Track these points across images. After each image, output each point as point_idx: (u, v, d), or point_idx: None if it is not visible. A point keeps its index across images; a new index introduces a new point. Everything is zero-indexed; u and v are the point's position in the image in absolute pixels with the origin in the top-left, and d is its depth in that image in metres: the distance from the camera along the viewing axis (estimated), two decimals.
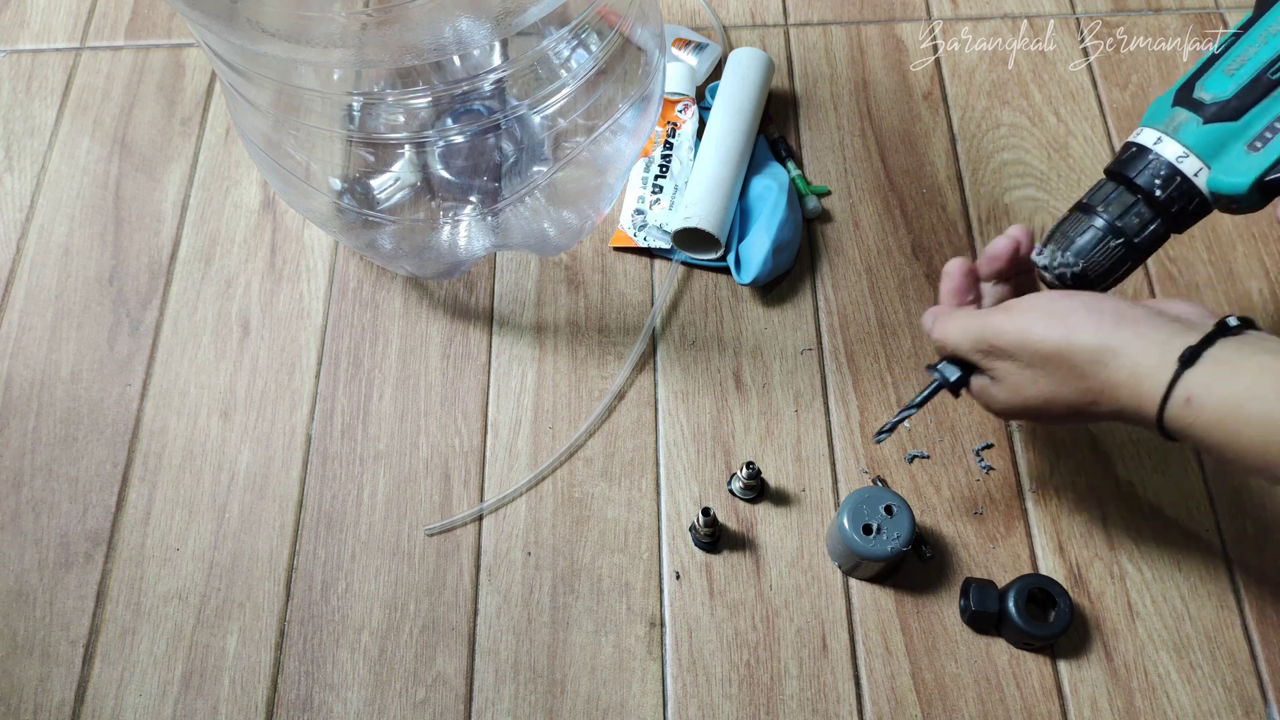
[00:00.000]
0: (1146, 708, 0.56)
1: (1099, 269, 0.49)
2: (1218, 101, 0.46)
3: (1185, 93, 0.47)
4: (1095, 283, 0.50)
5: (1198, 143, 0.46)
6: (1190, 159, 0.46)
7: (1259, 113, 0.45)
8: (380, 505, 0.63)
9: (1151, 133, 0.48)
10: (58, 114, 0.79)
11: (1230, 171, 0.45)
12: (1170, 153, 0.47)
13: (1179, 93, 0.47)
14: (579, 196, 0.64)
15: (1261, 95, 0.45)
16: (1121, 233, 0.48)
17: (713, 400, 0.65)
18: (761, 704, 0.57)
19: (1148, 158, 0.47)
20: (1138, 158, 0.48)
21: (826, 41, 0.79)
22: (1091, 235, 0.49)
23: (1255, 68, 0.45)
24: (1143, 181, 0.47)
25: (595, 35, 0.58)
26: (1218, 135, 0.46)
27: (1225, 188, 0.46)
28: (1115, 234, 0.48)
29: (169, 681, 0.58)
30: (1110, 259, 0.49)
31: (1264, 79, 0.45)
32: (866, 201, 0.72)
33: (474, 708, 0.57)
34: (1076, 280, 0.50)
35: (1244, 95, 0.45)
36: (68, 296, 0.71)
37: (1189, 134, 0.46)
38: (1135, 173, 0.48)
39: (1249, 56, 0.45)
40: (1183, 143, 0.46)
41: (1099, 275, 0.49)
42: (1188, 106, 0.47)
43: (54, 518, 0.63)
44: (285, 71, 0.53)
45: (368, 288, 0.70)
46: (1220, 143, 0.46)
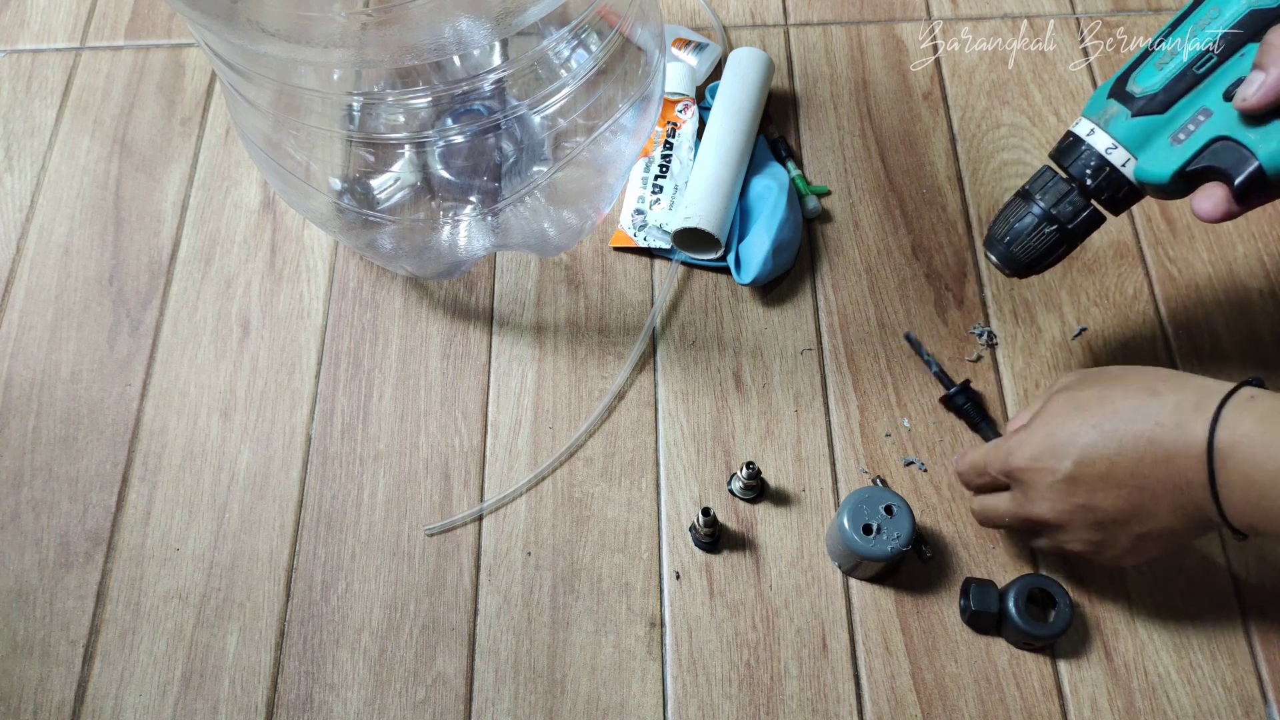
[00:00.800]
0: (1146, 708, 0.56)
1: (1034, 252, 0.52)
2: (1146, 95, 0.47)
3: (1120, 85, 0.49)
4: (1033, 265, 0.53)
5: (1126, 135, 0.48)
6: (1119, 150, 0.49)
7: (1183, 106, 0.47)
8: (380, 505, 0.63)
9: (1087, 123, 0.50)
10: (58, 114, 0.79)
11: (1154, 163, 0.47)
12: (1100, 144, 0.49)
13: (1115, 84, 0.49)
14: (579, 196, 0.64)
15: (1187, 89, 0.47)
16: (1055, 219, 0.51)
17: (713, 400, 0.65)
18: (761, 704, 0.57)
19: (1081, 148, 0.50)
20: (1073, 147, 0.50)
21: (826, 41, 0.79)
22: (1029, 221, 0.52)
23: (1182, 62, 0.47)
24: (1075, 170, 0.50)
25: (595, 35, 0.58)
26: (1144, 128, 0.48)
27: (1150, 177, 0.48)
28: (1049, 220, 0.51)
29: (169, 681, 0.58)
30: (1045, 243, 0.52)
31: (1189, 73, 0.46)
32: (866, 201, 0.72)
33: (474, 708, 0.57)
34: (1015, 262, 0.53)
35: (1170, 89, 0.47)
36: (68, 296, 0.71)
37: (1118, 126, 0.48)
38: (1069, 161, 0.50)
39: (1178, 50, 0.47)
40: (1113, 135, 0.49)
41: (1036, 258, 0.52)
42: (1120, 99, 0.48)
43: (54, 518, 0.63)
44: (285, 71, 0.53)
45: (368, 288, 0.70)
46: (1146, 135, 0.48)
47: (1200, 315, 0.67)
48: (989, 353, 0.66)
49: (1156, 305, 0.68)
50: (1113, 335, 0.67)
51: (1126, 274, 0.69)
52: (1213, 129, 0.46)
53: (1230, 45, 0.46)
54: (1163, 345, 0.66)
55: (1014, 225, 0.53)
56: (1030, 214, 0.52)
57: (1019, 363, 0.66)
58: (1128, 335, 0.67)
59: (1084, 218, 0.51)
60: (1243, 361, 0.65)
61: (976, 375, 0.66)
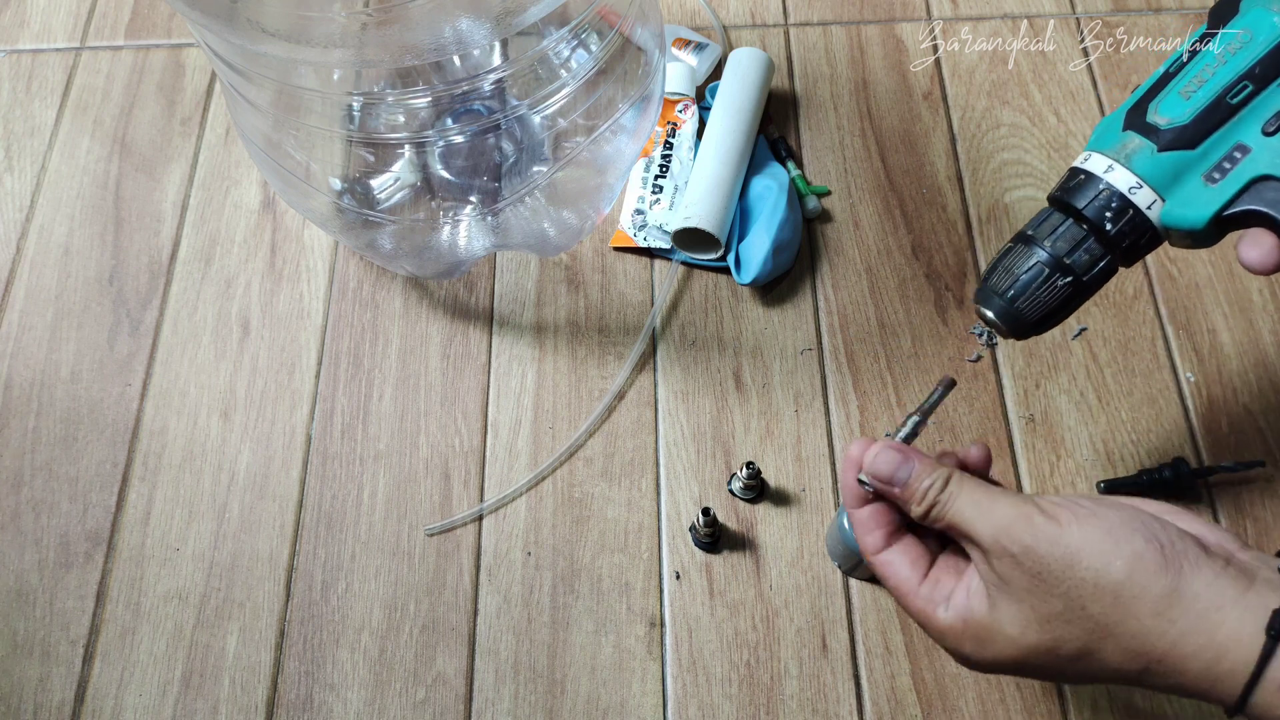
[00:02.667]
0: (1146, 708, 0.56)
1: (1044, 308, 0.44)
2: (1174, 127, 0.42)
3: (1137, 115, 0.43)
4: (1042, 323, 0.45)
5: (1152, 172, 0.42)
6: (1144, 190, 0.42)
7: (1217, 140, 0.41)
8: (380, 505, 0.63)
9: (1101, 159, 0.43)
10: (58, 114, 0.79)
11: (1187, 204, 0.42)
12: (1122, 183, 0.42)
13: (1130, 114, 0.43)
14: (579, 196, 0.64)
15: (1221, 121, 0.41)
16: (1070, 270, 0.44)
17: (713, 400, 0.65)
18: (761, 704, 0.57)
19: (1098, 187, 0.43)
20: (1086, 186, 0.43)
21: (826, 41, 0.79)
22: (1037, 270, 0.44)
23: (1214, 90, 0.41)
24: (1091, 213, 0.43)
25: (595, 35, 0.58)
26: (1174, 164, 0.42)
27: (1182, 222, 0.42)
28: (1062, 270, 0.44)
29: (169, 681, 0.58)
30: (1058, 297, 0.44)
31: (1223, 103, 0.41)
32: (866, 201, 0.72)
33: (474, 708, 0.57)
34: (1019, 320, 0.45)
35: (1202, 120, 0.41)
36: (68, 296, 0.71)
37: (1143, 163, 0.42)
38: (1084, 203, 0.43)
39: (1207, 77, 0.42)
40: (1136, 172, 0.42)
41: (1046, 315, 0.44)
42: (1141, 131, 0.42)
43: (54, 517, 0.63)
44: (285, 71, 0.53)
45: (368, 288, 0.70)
46: (1176, 173, 0.42)
47: (1200, 315, 0.67)
48: (989, 353, 0.66)
49: (1156, 305, 0.68)
50: (1113, 335, 0.67)
51: (1126, 274, 0.69)
52: (1254, 167, 0.40)
53: (1266, 73, 0.41)
54: (1163, 346, 0.66)
55: (1019, 276, 0.44)
56: (1038, 262, 0.44)
57: (1019, 363, 0.66)
58: (1128, 335, 0.67)
59: (1101, 267, 0.44)
60: (1242, 361, 0.65)
61: (977, 375, 0.66)
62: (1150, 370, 0.65)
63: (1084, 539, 0.35)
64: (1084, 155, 0.44)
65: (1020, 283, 0.44)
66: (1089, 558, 0.34)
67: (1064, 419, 0.64)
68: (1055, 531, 0.35)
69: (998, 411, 0.64)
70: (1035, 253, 0.44)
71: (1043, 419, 0.64)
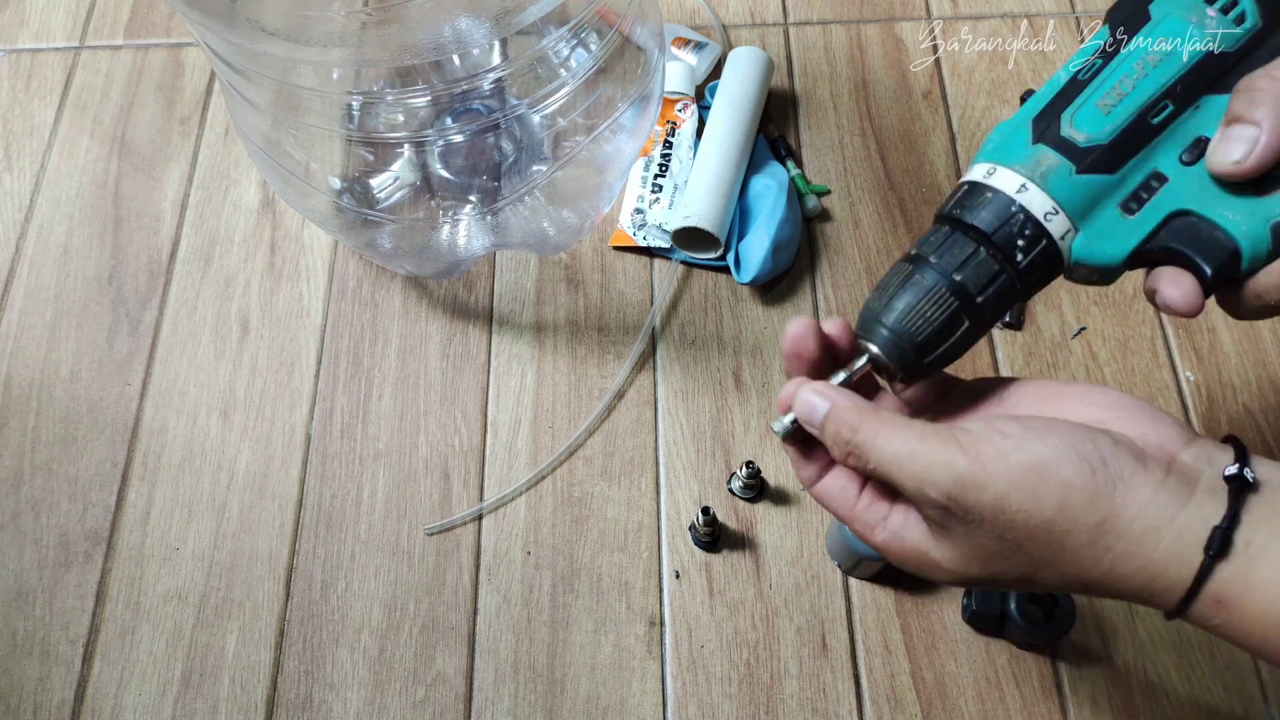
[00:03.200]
0: (1146, 708, 0.56)
1: (930, 326, 0.37)
2: (1096, 145, 0.36)
3: (1048, 126, 0.36)
4: (926, 346, 0.37)
5: (1070, 197, 0.36)
6: (1060, 217, 0.36)
7: (1136, 164, 0.36)
8: (380, 505, 0.63)
9: (1011, 175, 0.36)
10: (57, 113, 0.79)
11: (1103, 237, 0.36)
12: (1038, 206, 0.36)
13: (1038, 124, 0.37)
14: (578, 195, 0.64)
15: (1141, 143, 0.36)
16: (961, 288, 0.36)
17: (712, 399, 0.65)
18: (761, 703, 0.57)
19: (1008, 210, 0.36)
20: (991, 205, 0.36)
21: (826, 41, 0.79)
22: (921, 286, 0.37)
23: (1135, 106, 0.36)
24: (1001, 240, 0.36)
25: (595, 34, 0.58)
26: (1092, 189, 0.36)
27: (1096, 257, 0.37)
28: (953, 289, 0.36)
29: (169, 681, 0.58)
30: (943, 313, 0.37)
31: (1145, 122, 0.36)
32: (866, 201, 0.72)
33: (474, 707, 0.57)
34: (901, 344, 0.37)
35: (1123, 141, 0.36)
36: (67, 296, 0.71)
37: (1060, 184, 0.36)
38: (992, 227, 0.36)
39: (1126, 90, 0.36)
40: (1053, 195, 0.36)
41: (931, 336, 0.37)
42: (1057, 147, 0.36)
43: (54, 517, 0.63)
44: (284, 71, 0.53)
45: (367, 287, 0.70)
46: (1094, 199, 0.36)
47: (1200, 315, 0.67)
48: (989, 352, 0.66)
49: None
50: (1112, 334, 0.67)
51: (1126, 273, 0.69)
52: (1172, 200, 0.36)
53: (1187, 93, 0.36)
54: (1163, 345, 0.66)
55: (895, 292, 0.37)
56: (922, 278, 0.37)
57: (1019, 362, 0.66)
58: (1128, 335, 0.67)
59: (998, 286, 0.36)
60: (1242, 360, 0.65)
61: (976, 375, 0.66)
62: (1150, 370, 0.65)
63: (1010, 480, 0.33)
64: (985, 168, 0.37)
65: (896, 299, 0.37)
66: (1017, 500, 0.33)
67: None
68: (980, 476, 0.33)
69: None
70: (919, 269, 0.37)
71: None
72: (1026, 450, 0.33)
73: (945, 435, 0.34)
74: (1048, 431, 0.34)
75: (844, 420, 0.36)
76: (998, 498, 0.33)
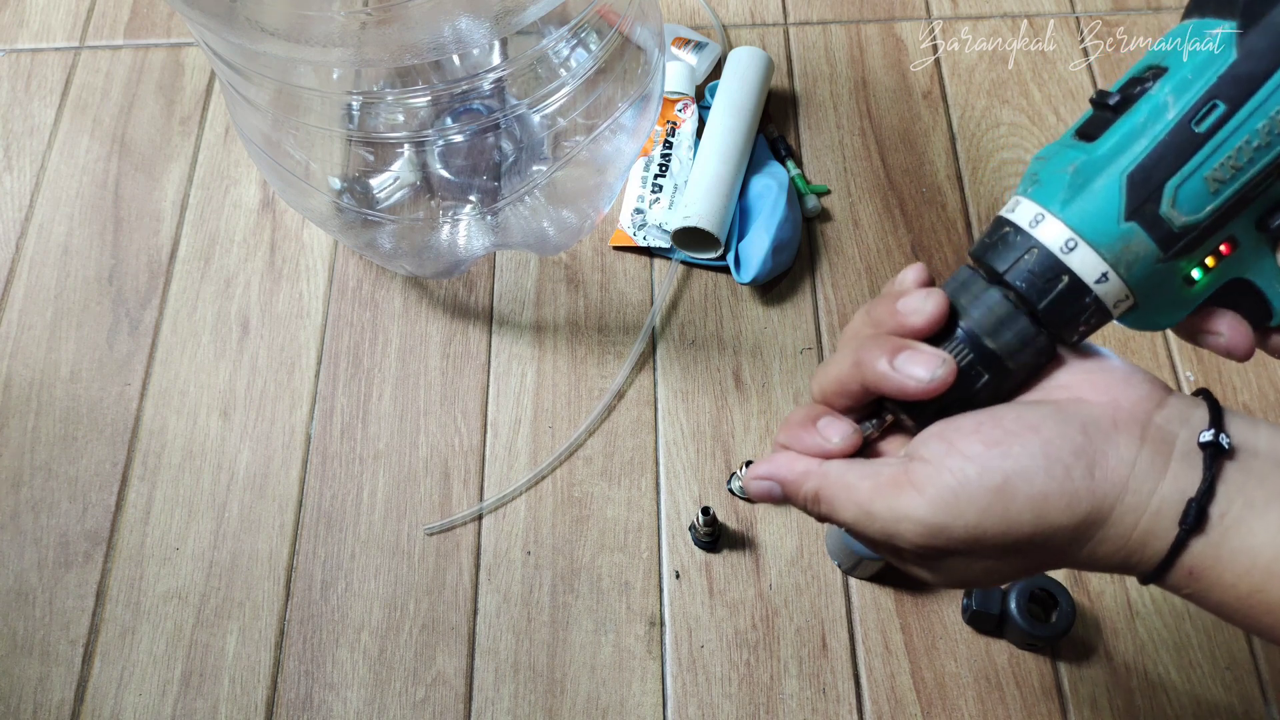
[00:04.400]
0: (1146, 708, 0.56)
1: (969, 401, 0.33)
2: (1192, 226, 0.30)
3: (1147, 197, 0.30)
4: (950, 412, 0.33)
5: (1144, 280, 0.31)
6: (1128, 300, 0.32)
7: (1215, 240, 0.31)
8: (380, 505, 0.63)
9: (1095, 260, 0.30)
10: (57, 113, 0.79)
11: (1159, 311, 0.33)
12: (1110, 296, 0.31)
13: (1134, 188, 0.30)
14: (578, 195, 0.64)
15: (1233, 218, 0.31)
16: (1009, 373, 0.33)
17: (712, 399, 0.65)
18: (761, 703, 0.57)
19: (1081, 300, 0.31)
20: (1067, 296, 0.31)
21: (826, 40, 0.79)
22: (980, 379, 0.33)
23: (1246, 179, 0.30)
24: (1054, 318, 0.32)
25: (595, 34, 0.58)
26: (1169, 272, 0.31)
27: (1148, 326, 0.33)
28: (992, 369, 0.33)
29: (169, 681, 0.58)
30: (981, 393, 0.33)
31: (1245, 198, 0.30)
32: (866, 201, 0.72)
33: (474, 707, 0.57)
34: None
35: (1217, 222, 0.30)
36: (67, 296, 0.71)
37: (1142, 271, 0.31)
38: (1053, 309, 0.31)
39: (1243, 162, 0.30)
40: (1130, 283, 0.31)
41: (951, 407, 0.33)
42: (1148, 228, 0.30)
43: (53, 517, 0.63)
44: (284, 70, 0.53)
45: (367, 287, 0.70)
46: (1165, 279, 0.31)
47: None
48: None
49: None
50: (1112, 334, 0.67)
51: None
52: (1237, 268, 0.32)
53: None
54: (1163, 345, 0.66)
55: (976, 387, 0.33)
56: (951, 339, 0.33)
57: None
58: (1128, 334, 0.67)
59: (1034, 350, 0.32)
60: None
61: None
62: (1150, 369, 0.65)
63: (979, 508, 0.32)
64: (1062, 234, 0.31)
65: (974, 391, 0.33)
66: (991, 525, 0.32)
67: None
68: (943, 517, 0.32)
69: None
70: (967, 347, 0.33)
71: None
72: (991, 472, 0.32)
73: (900, 480, 0.33)
74: (1012, 439, 0.32)
75: (802, 495, 0.36)
76: (970, 529, 0.32)
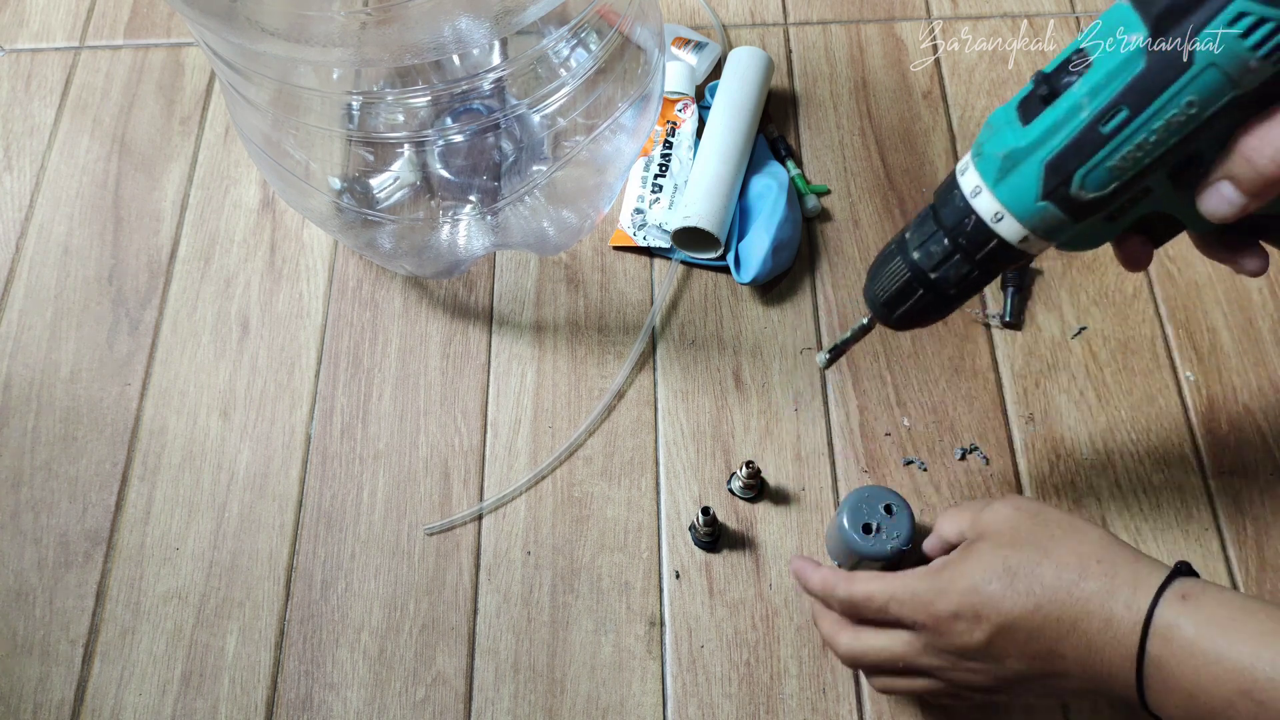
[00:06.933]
0: None
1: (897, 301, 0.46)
2: (1098, 199, 0.39)
3: (1059, 181, 0.39)
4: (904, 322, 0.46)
5: (1060, 236, 0.41)
6: (1047, 247, 0.42)
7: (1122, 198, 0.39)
8: (380, 505, 0.63)
9: (1016, 226, 0.41)
10: (57, 113, 0.79)
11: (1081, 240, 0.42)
12: (1035, 248, 0.42)
13: (1050, 173, 0.39)
14: (578, 195, 0.64)
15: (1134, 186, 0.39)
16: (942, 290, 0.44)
17: (712, 399, 0.65)
18: (761, 703, 0.57)
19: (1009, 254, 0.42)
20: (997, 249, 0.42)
21: (826, 40, 0.79)
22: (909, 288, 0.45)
23: (1147, 163, 0.38)
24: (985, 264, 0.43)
25: (595, 34, 0.58)
26: (1082, 228, 0.41)
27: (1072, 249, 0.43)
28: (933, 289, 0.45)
29: (169, 681, 0.58)
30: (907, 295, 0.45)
31: (1144, 173, 0.38)
32: (866, 200, 0.72)
33: (474, 707, 0.57)
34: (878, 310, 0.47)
35: (1123, 189, 0.39)
36: (67, 296, 0.71)
37: (1059, 233, 0.41)
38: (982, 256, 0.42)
39: (1143, 155, 0.37)
40: (1046, 239, 0.41)
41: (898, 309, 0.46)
42: (1062, 206, 0.39)
43: (53, 517, 0.63)
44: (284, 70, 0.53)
45: (367, 287, 0.70)
46: (1080, 232, 0.41)
47: (1200, 315, 0.67)
48: (989, 352, 0.66)
49: (1156, 305, 0.68)
50: (1112, 334, 0.67)
51: (1126, 273, 0.69)
52: (1152, 204, 0.40)
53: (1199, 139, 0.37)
54: (1163, 345, 0.66)
55: (874, 260, 0.47)
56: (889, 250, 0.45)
57: (1019, 362, 0.66)
58: (1128, 335, 0.67)
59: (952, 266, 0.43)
60: (1242, 360, 0.65)
61: (976, 374, 0.66)
62: (1150, 369, 0.65)
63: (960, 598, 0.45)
64: (994, 209, 0.41)
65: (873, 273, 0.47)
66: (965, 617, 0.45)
67: (1064, 418, 0.64)
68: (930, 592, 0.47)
69: (997, 410, 0.64)
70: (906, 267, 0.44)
71: (1042, 418, 0.64)
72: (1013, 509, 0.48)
73: None
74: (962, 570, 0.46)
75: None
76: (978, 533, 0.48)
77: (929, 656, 0.47)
